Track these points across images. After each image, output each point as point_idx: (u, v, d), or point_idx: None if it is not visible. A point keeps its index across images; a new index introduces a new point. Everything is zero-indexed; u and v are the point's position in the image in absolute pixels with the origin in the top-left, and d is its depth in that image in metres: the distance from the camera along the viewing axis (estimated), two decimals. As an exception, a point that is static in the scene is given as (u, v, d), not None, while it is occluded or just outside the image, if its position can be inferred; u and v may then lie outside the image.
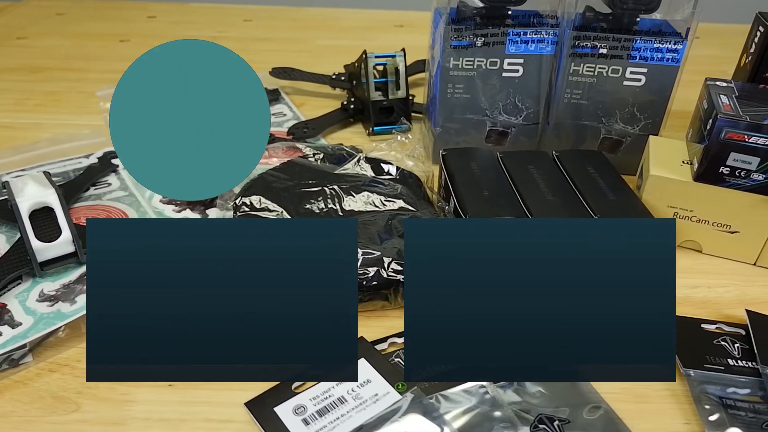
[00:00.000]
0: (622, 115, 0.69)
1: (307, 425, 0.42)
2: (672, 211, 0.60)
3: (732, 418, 0.43)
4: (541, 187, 0.58)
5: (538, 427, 0.42)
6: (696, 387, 0.46)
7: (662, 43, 0.65)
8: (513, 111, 0.70)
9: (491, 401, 0.44)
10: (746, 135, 0.54)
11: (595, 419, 0.43)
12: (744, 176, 0.55)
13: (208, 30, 1.12)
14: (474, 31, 0.65)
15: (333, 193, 0.61)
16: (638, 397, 0.46)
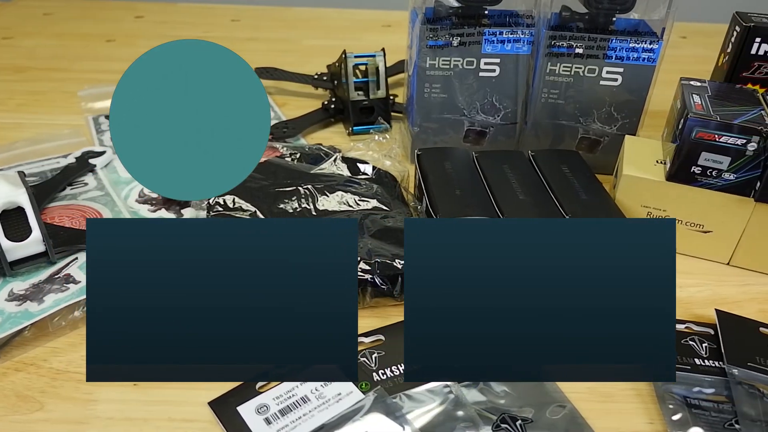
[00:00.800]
0: (599, 115, 0.69)
1: (269, 424, 0.42)
2: (645, 210, 0.60)
3: (695, 417, 0.43)
4: (514, 187, 0.58)
5: (500, 426, 0.42)
6: (660, 386, 0.46)
7: (638, 42, 0.64)
8: (491, 111, 0.70)
9: (455, 401, 0.44)
10: (717, 135, 0.54)
11: (558, 419, 0.43)
12: (715, 176, 0.55)
13: (194, 30, 1.12)
14: (450, 30, 0.65)
15: (307, 192, 0.61)
16: (603, 396, 0.46)
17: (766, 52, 0.65)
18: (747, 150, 0.54)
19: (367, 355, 0.47)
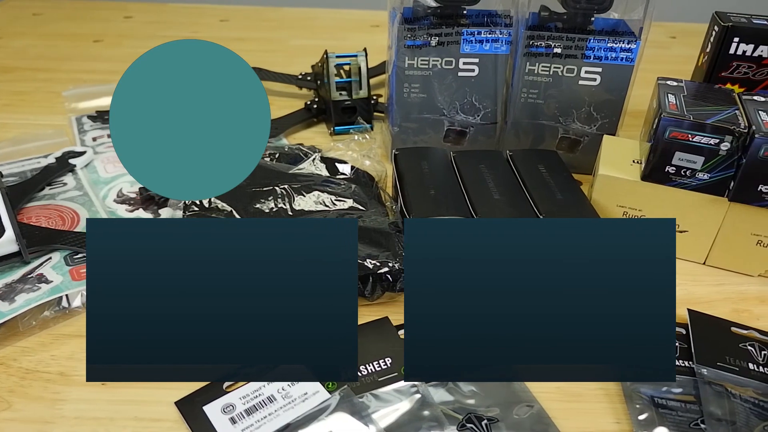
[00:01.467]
0: (579, 115, 0.69)
1: (234, 424, 0.42)
2: (621, 210, 0.60)
3: (661, 417, 0.43)
4: (490, 186, 0.58)
5: (466, 426, 0.42)
6: (629, 386, 0.46)
7: (615, 42, 0.64)
8: (470, 110, 0.70)
9: (421, 401, 0.44)
10: (690, 134, 0.54)
11: (524, 418, 0.43)
12: (690, 176, 0.55)
13: (182, 30, 1.12)
14: (428, 30, 0.65)
15: (284, 192, 0.61)
16: (572, 396, 0.46)
17: (744, 51, 0.65)
18: (720, 150, 0.53)
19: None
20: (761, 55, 0.65)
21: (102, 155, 0.71)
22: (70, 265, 0.53)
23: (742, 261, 0.58)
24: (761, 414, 0.44)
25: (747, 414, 0.43)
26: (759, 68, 0.66)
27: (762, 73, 0.66)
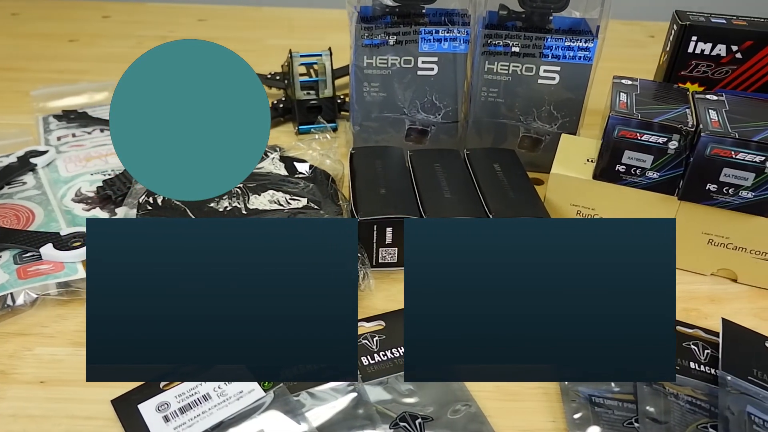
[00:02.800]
0: (539, 114, 0.69)
1: (167, 422, 0.42)
2: (575, 209, 0.60)
3: (597, 416, 0.43)
4: (442, 185, 0.58)
5: (399, 425, 0.42)
6: (566, 385, 0.45)
7: (573, 41, 0.64)
8: (431, 109, 0.70)
9: (357, 399, 0.44)
10: (639, 133, 0.54)
11: (458, 417, 0.43)
12: (640, 174, 0.55)
13: (159, 29, 1.12)
14: (385, 29, 0.65)
15: (238, 192, 0.61)
16: (510, 395, 0.46)
17: (702, 50, 0.65)
18: (669, 148, 0.53)
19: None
20: (720, 54, 0.65)
21: (65, 154, 0.72)
22: (18, 263, 0.53)
23: (694, 260, 0.58)
24: (696, 413, 0.43)
25: (682, 413, 0.43)
26: (717, 67, 0.66)
27: (721, 72, 0.66)
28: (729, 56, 0.65)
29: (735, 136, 0.51)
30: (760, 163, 0.51)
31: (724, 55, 0.65)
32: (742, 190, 0.52)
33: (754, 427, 0.42)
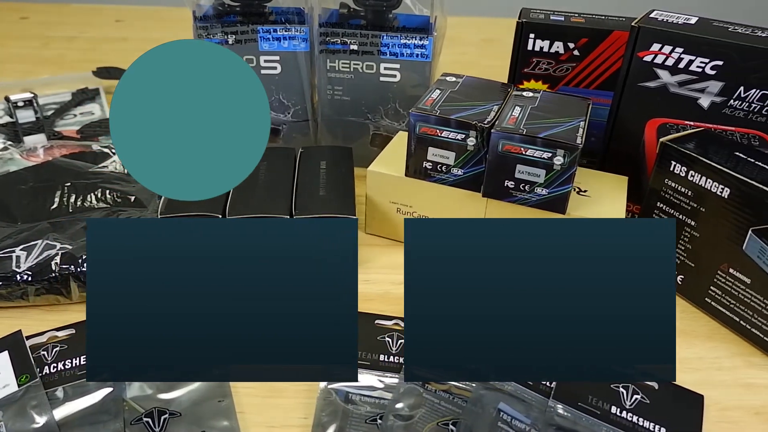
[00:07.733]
0: (386, 111, 0.69)
1: None
2: (395, 206, 0.59)
3: (345, 413, 0.43)
4: (259, 183, 0.58)
5: (142, 420, 0.42)
6: (326, 384, 0.45)
7: (408, 39, 0.64)
8: (279, 108, 0.70)
9: (112, 394, 0.44)
10: (438, 130, 0.54)
11: (207, 412, 0.43)
12: (445, 171, 0.55)
13: (71, 30, 1.13)
14: (223, 28, 0.65)
15: (68, 190, 0.61)
16: (272, 392, 0.46)
17: (541, 48, 0.65)
18: (468, 145, 0.53)
19: (49, 349, 0.47)
20: (558, 51, 0.65)
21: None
22: None
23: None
24: (446, 410, 0.43)
25: (431, 409, 0.43)
26: (558, 64, 0.65)
27: (562, 69, 0.66)
28: (567, 53, 0.65)
29: (523, 133, 0.51)
30: (548, 159, 0.51)
31: (562, 53, 0.65)
32: (537, 187, 0.52)
33: (499, 423, 0.42)
